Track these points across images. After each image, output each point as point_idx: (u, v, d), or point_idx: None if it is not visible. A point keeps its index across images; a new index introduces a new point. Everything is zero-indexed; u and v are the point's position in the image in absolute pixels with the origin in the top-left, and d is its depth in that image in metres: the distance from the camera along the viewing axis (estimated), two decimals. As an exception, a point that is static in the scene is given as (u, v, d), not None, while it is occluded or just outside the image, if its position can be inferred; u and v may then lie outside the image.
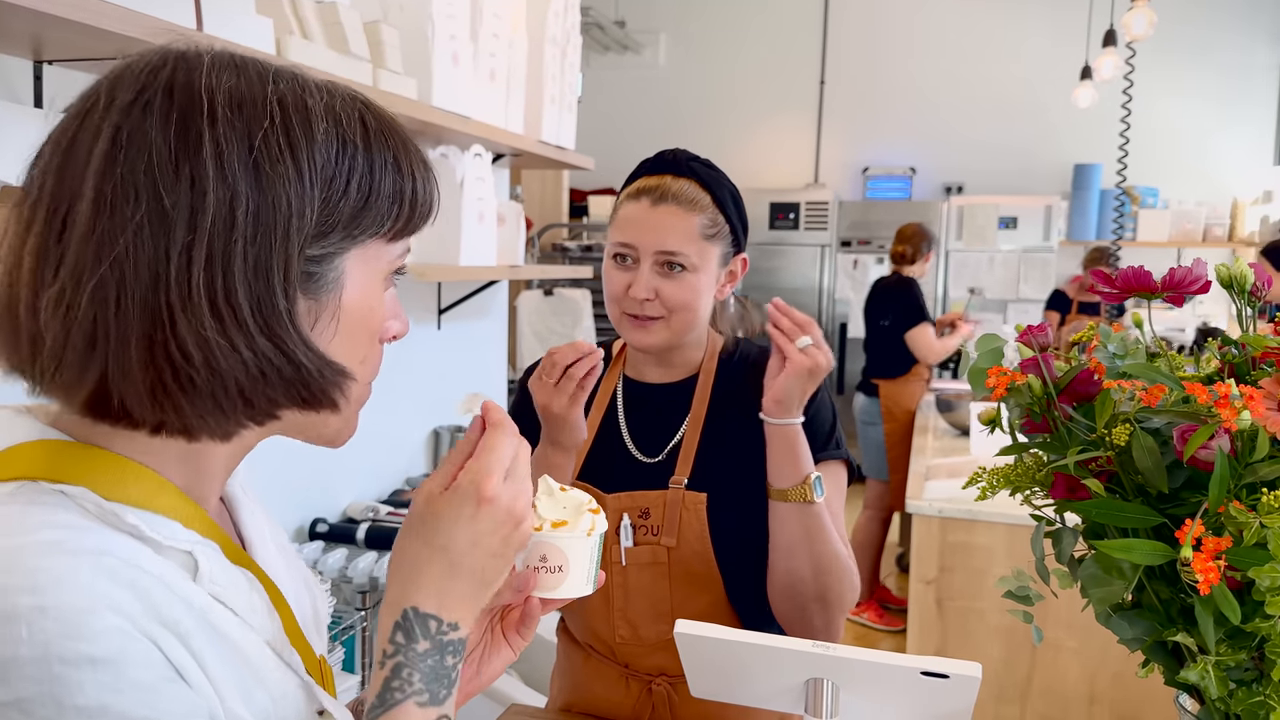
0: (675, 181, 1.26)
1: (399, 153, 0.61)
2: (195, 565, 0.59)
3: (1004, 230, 6.08)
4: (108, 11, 1.27)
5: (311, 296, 0.59)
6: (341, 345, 0.62)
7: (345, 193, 0.58)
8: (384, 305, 0.65)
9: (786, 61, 6.86)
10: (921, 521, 2.52)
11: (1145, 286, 0.80)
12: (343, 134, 0.59)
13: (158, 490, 0.60)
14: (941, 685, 0.99)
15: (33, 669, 0.49)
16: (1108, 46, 3.82)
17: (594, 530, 0.75)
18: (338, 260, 0.60)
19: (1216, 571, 0.66)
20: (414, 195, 0.62)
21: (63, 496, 0.56)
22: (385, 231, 0.62)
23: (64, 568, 0.52)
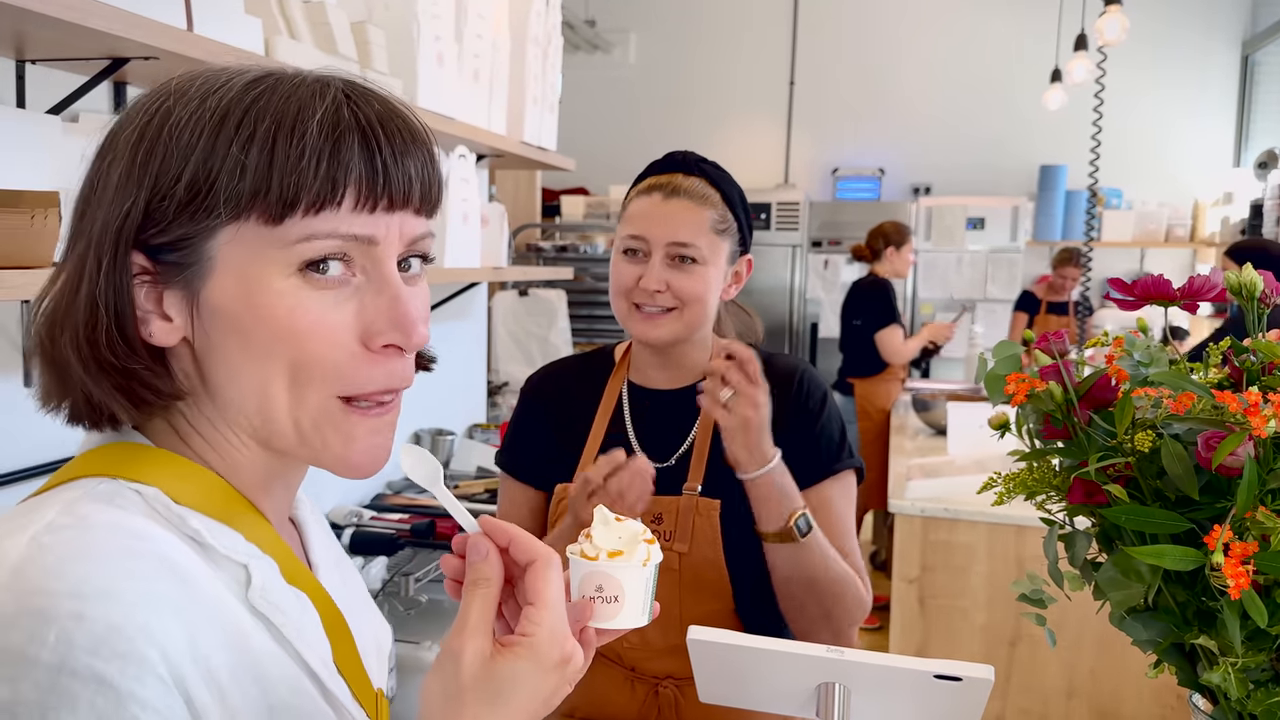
0: (686, 179, 1.29)
1: (260, 129, 0.56)
2: (248, 578, 0.59)
3: (972, 231, 6.15)
4: (93, 10, 1.24)
5: (177, 286, 0.59)
6: (233, 342, 0.59)
7: (178, 180, 0.56)
8: (297, 303, 0.58)
9: (756, 62, 6.89)
10: (903, 521, 2.54)
11: (1164, 295, 0.81)
12: (195, 122, 0.57)
13: (226, 499, 0.60)
14: (953, 688, 1.00)
15: (42, 674, 0.48)
16: (1079, 50, 3.88)
17: (650, 560, 0.73)
18: (198, 247, 0.58)
19: (1247, 576, 0.67)
20: (265, 171, 0.56)
21: (137, 496, 0.57)
22: (239, 214, 0.57)
23: (114, 579, 0.51)
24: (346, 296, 0.60)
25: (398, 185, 0.59)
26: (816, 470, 1.32)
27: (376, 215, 0.59)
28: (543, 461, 1.39)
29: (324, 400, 0.60)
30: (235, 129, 0.56)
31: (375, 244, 0.60)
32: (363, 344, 0.60)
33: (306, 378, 0.59)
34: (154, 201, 0.57)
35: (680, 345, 1.32)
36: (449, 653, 0.58)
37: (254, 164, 0.56)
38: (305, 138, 0.56)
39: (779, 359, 1.38)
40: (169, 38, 1.36)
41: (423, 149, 0.62)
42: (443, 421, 2.75)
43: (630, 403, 1.37)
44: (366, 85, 0.62)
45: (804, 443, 1.31)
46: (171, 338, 0.59)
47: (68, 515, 0.54)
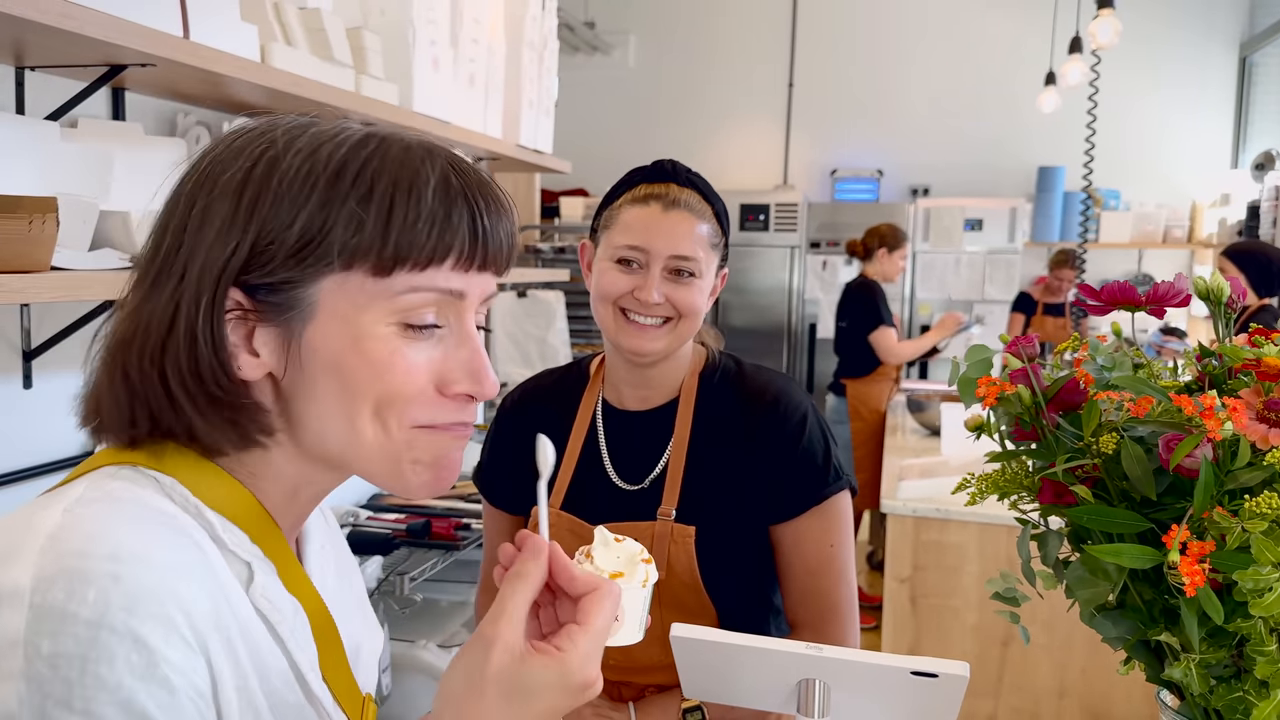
0: (681, 191, 1.27)
1: (376, 188, 0.61)
2: (250, 577, 0.62)
3: (970, 232, 6.17)
4: (93, 18, 1.26)
5: (277, 322, 0.62)
6: (329, 381, 0.62)
7: (290, 226, 0.60)
8: (394, 351, 0.63)
9: (755, 63, 6.91)
10: (896, 521, 2.56)
11: (1130, 300, 0.83)
12: (308, 173, 0.61)
13: (238, 499, 0.64)
14: (930, 685, 1.02)
15: (82, 629, 0.51)
16: (1074, 53, 3.90)
17: (648, 581, 0.76)
18: (303, 290, 0.61)
19: (1202, 574, 0.69)
20: (382, 229, 0.61)
21: (155, 482, 0.61)
22: (350, 265, 0.61)
23: (150, 547, 0.55)
24: (432, 345, 0.65)
25: (493, 248, 0.65)
26: (800, 499, 1.28)
27: (470, 274, 0.65)
28: (515, 487, 1.38)
29: (405, 431, 0.65)
30: (351, 184, 0.60)
31: (463, 299, 0.65)
32: (437, 389, 0.65)
33: (390, 411, 0.64)
34: (260, 244, 0.60)
35: (663, 361, 1.29)
36: (481, 638, 0.60)
37: (372, 220, 0.60)
38: (421, 203, 0.61)
39: (756, 376, 1.34)
40: (165, 45, 1.38)
41: (510, 216, 0.67)
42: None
43: (604, 423, 1.35)
44: (462, 156, 0.67)
45: (783, 468, 1.28)
46: (257, 373, 0.63)
47: (95, 490, 0.58)
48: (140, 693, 0.52)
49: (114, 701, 0.51)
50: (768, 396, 1.31)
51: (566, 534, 1.29)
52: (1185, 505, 0.72)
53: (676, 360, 1.32)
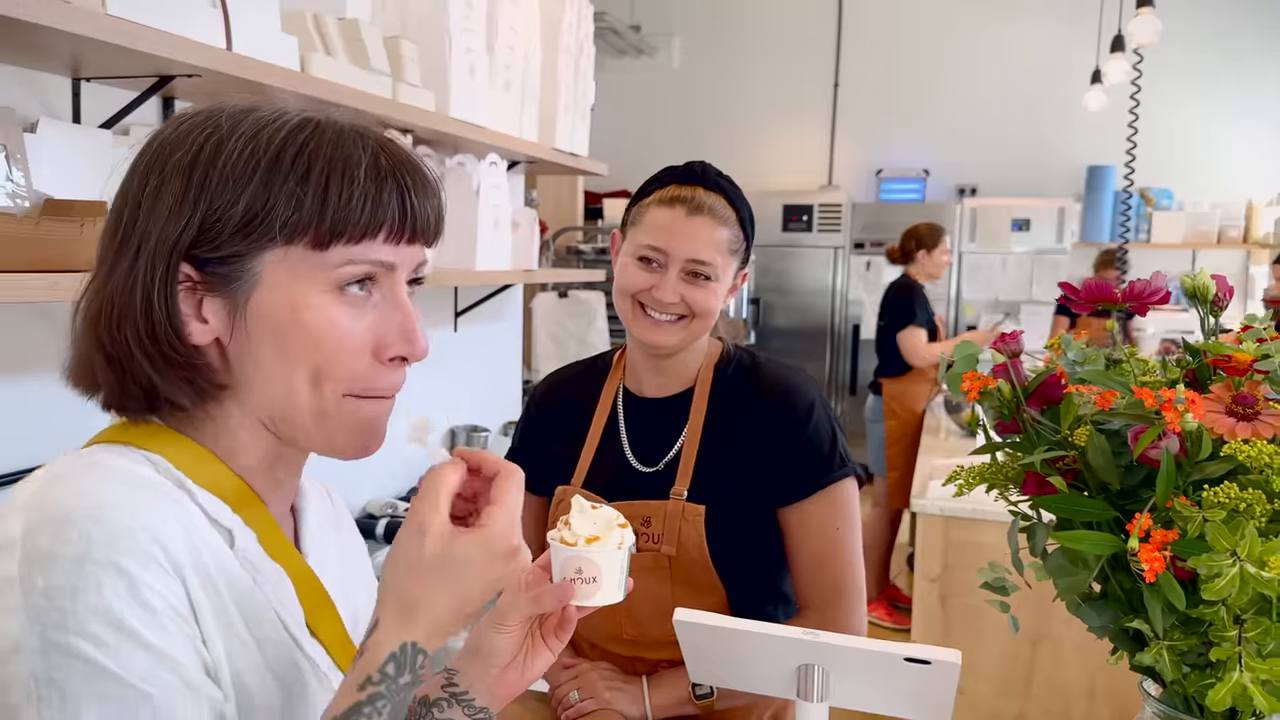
0: (708, 195, 1.32)
1: (314, 168, 0.66)
2: (232, 541, 0.69)
3: (1017, 232, 6.11)
4: (141, 33, 1.35)
5: (224, 292, 0.68)
6: (269, 347, 0.68)
7: (235, 204, 0.66)
8: (332, 318, 0.69)
9: (800, 64, 6.91)
10: (926, 520, 2.57)
11: (1107, 298, 0.86)
12: (250, 154, 0.66)
13: (221, 475, 0.70)
14: (924, 671, 1.06)
15: (70, 564, 0.58)
16: (1116, 51, 3.86)
17: (623, 544, 0.81)
18: (248, 263, 0.67)
19: (1162, 560, 0.71)
20: (319, 206, 0.66)
21: (145, 459, 0.68)
22: (292, 239, 0.67)
23: (126, 497, 0.62)
24: (366, 312, 0.71)
25: (422, 223, 0.72)
26: (803, 484, 1.33)
27: (400, 246, 0.70)
28: (545, 472, 1.44)
29: (337, 399, 0.71)
30: (290, 165, 0.66)
31: (395, 269, 0.71)
32: (374, 354, 0.71)
33: (325, 378, 0.70)
34: (208, 222, 0.66)
35: (678, 352, 1.36)
36: (415, 525, 0.68)
37: (309, 199, 0.66)
38: (355, 183, 0.67)
39: (768, 368, 1.40)
40: (209, 57, 1.47)
41: (438, 192, 0.74)
42: (478, 419, 2.84)
43: (624, 409, 1.42)
44: (390, 138, 0.73)
45: (789, 454, 1.33)
46: (206, 338, 0.69)
47: (87, 461, 0.66)
48: (126, 613, 0.59)
49: (105, 622, 0.58)
50: (778, 387, 1.37)
51: None
52: (1148, 495, 0.75)
53: (692, 351, 1.39)
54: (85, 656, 0.58)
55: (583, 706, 1.32)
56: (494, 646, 0.84)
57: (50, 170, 1.39)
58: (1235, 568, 0.67)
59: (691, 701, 1.32)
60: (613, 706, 1.32)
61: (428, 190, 0.72)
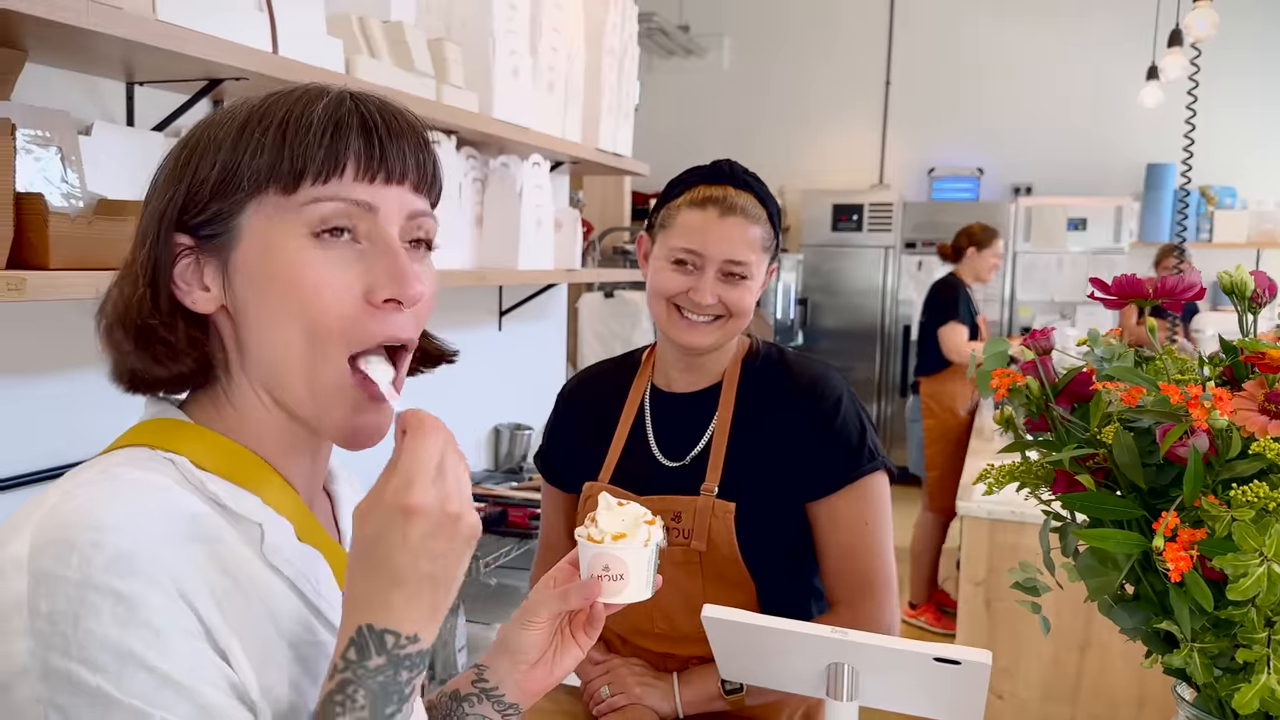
0: (738, 195, 1.32)
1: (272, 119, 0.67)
2: (263, 536, 0.69)
3: (1073, 232, 5.99)
4: (191, 38, 1.39)
5: (213, 258, 0.70)
6: (256, 299, 0.68)
7: (213, 167, 0.68)
8: (306, 256, 0.67)
9: (851, 62, 6.85)
10: (971, 523, 2.54)
11: (1138, 293, 0.85)
12: (229, 119, 0.69)
13: (250, 467, 0.71)
14: (954, 671, 1.04)
15: (72, 589, 0.58)
16: (1173, 46, 3.77)
17: (650, 541, 0.81)
18: (231, 220, 0.69)
19: (1188, 560, 0.70)
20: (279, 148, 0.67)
21: (169, 464, 0.68)
22: (262, 187, 0.68)
23: (130, 517, 0.62)
24: (353, 259, 0.69)
25: (394, 160, 0.69)
26: (833, 477, 1.33)
27: (376, 186, 0.69)
28: (574, 467, 1.46)
29: (335, 364, 0.69)
30: (257, 123, 0.68)
31: (376, 211, 0.69)
32: (366, 299, 0.69)
33: (324, 335, 0.68)
34: (192, 189, 0.68)
35: (713, 351, 1.37)
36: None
37: (270, 145, 0.67)
38: (312, 120, 0.67)
39: (796, 362, 1.41)
40: (256, 60, 1.50)
41: (416, 134, 0.72)
42: (521, 417, 2.87)
43: (652, 405, 1.43)
44: (370, 93, 0.73)
45: (818, 447, 1.33)
46: (210, 305, 0.70)
47: (102, 474, 0.66)
48: (128, 637, 0.58)
49: (105, 648, 0.58)
50: (805, 380, 1.37)
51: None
52: (1177, 494, 0.74)
53: (724, 348, 1.39)
54: (87, 683, 0.58)
55: (614, 701, 1.33)
56: (522, 643, 0.85)
57: (104, 171, 1.44)
58: (1262, 567, 0.66)
59: (721, 697, 1.33)
60: (643, 702, 1.33)
61: (401, 128, 0.70)
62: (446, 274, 2.12)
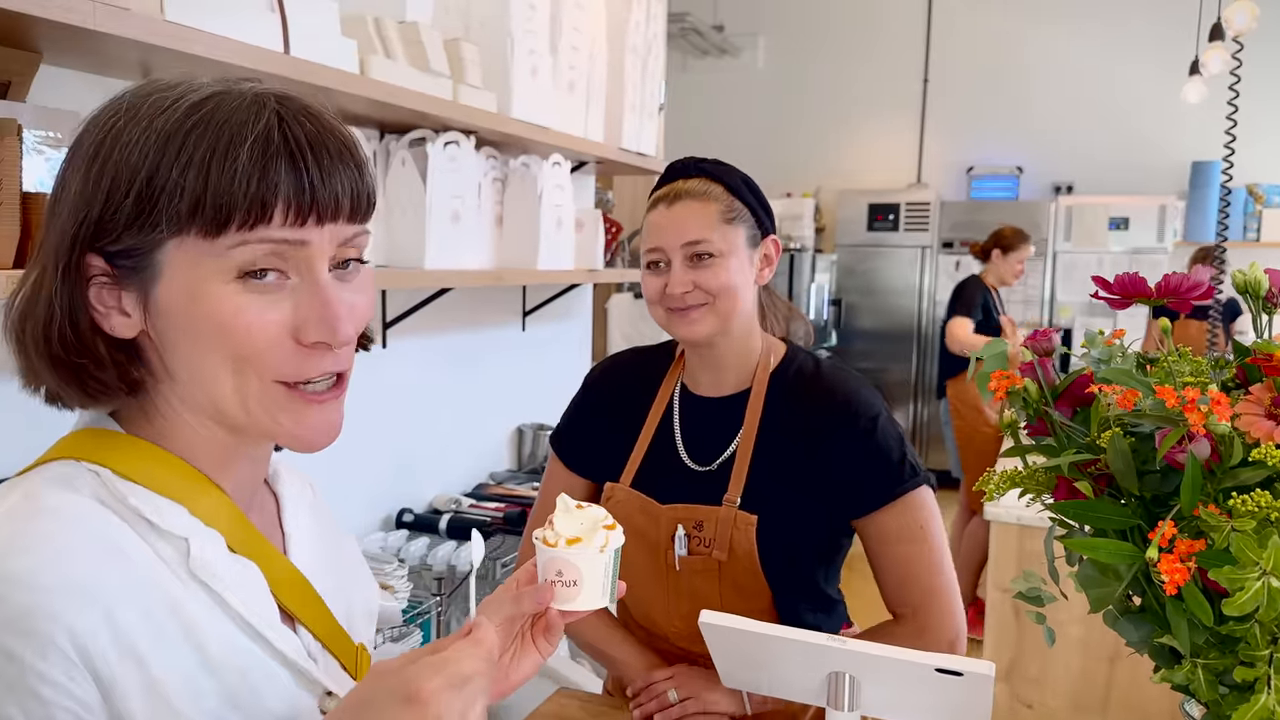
0: (685, 182, 1.33)
1: (196, 154, 0.62)
2: (187, 551, 0.66)
3: (1115, 231, 5.87)
4: (199, 38, 1.39)
5: (133, 288, 0.66)
6: (182, 339, 0.66)
7: (126, 196, 0.63)
8: (235, 305, 0.64)
9: (888, 61, 6.77)
10: (1000, 529, 2.49)
11: (1141, 292, 0.81)
12: (143, 142, 0.63)
13: (178, 477, 0.68)
14: (956, 682, 1.01)
15: None
16: (1214, 40, 3.67)
17: (607, 546, 0.77)
18: (150, 255, 0.64)
19: (1185, 572, 0.67)
20: (199, 195, 0.62)
21: (94, 476, 0.66)
22: (181, 229, 0.63)
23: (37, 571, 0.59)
24: (282, 298, 0.66)
25: (325, 202, 0.65)
26: (877, 494, 1.31)
27: (307, 228, 0.65)
28: (592, 453, 1.45)
29: (265, 385, 0.67)
30: (176, 153, 0.62)
31: (307, 246, 0.65)
32: (295, 339, 0.66)
33: (244, 367, 0.66)
34: (105, 213, 0.64)
35: (723, 341, 1.34)
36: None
37: (191, 187, 0.62)
38: (237, 162, 0.62)
39: (831, 375, 1.37)
40: (266, 60, 1.51)
41: (351, 165, 0.67)
42: (545, 417, 2.86)
43: (680, 407, 1.41)
44: (301, 103, 0.67)
45: (858, 465, 1.31)
46: (130, 331, 0.67)
47: (24, 503, 0.63)
48: (8, 702, 0.57)
49: None
50: (838, 396, 1.34)
51: (636, 512, 1.36)
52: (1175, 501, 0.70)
53: (743, 344, 1.36)
54: None
55: (685, 706, 1.33)
56: None
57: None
58: (1260, 581, 0.63)
59: None
60: (715, 708, 1.32)
61: (335, 164, 0.65)
62: (465, 274, 2.12)
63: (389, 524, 2.34)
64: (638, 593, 1.40)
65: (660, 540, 1.34)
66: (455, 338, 2.52)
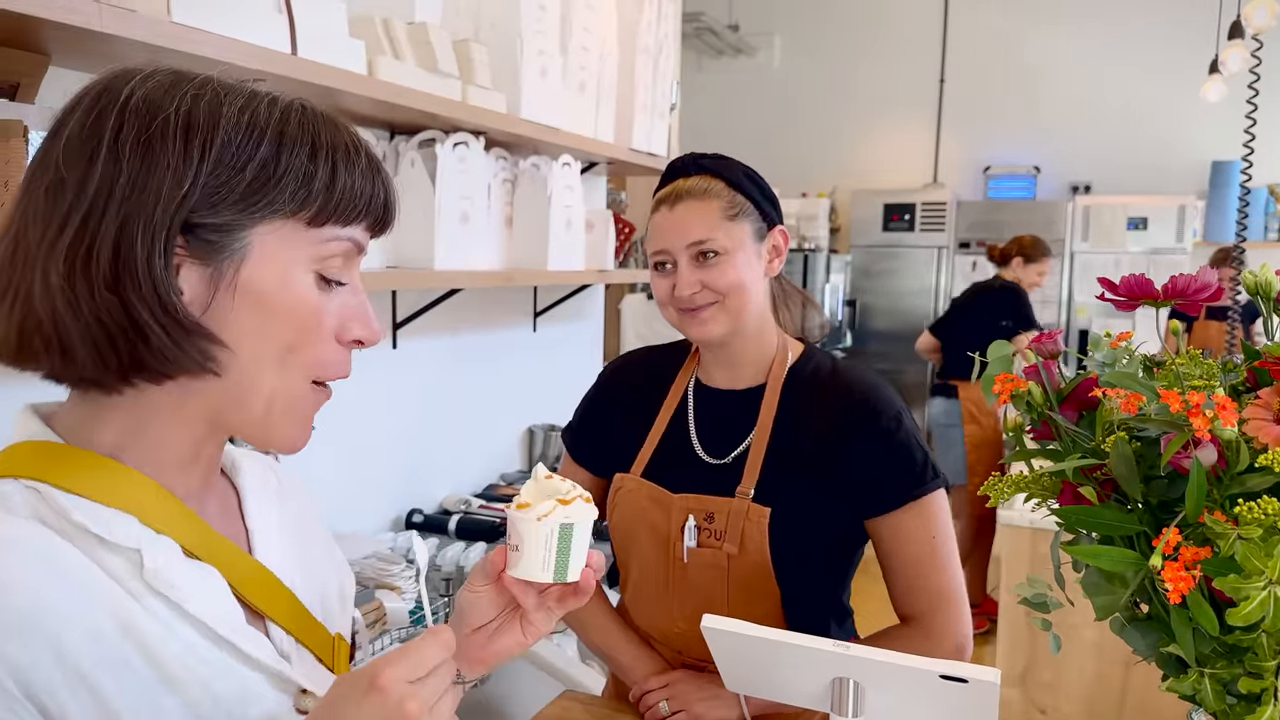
0: (685, 181, 1.33)
1: (320, 146, 0.67)
2: (140, 563, 0.64)
3: (1133, 231, 5.82)
4: (206, 40, 1.39)
5: (207, 262, 0.64)
6: (249, 322, 0.65)
7: (242, 170, 0.64)
8: (314, 296, 0.68)
9: (905, 60, 6.74)
10: (1013, 532, 2.47)
11: (1148, 294, 0.80)
12: (251, 122, 0.64)
13: (125, 485, 0.66)
14: (961, 689, 1.00)
15: None
16: (1234, 39, 3.63)
17: (548, 517, 0.75)
18: (241, 233, 0.65)
19: (1189, 580, 0.66)
20: (328, 183, 0.67)
21: (34, 494, 0.64)
22: (294, 213, 0.66)
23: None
24: (333, 295, 0.70)
25: (391, 216, 0.74)
26: (897, 494, 1.30)
27: (372, 236, 0.72)
28: (604, 447, 1.44)
29: (303, 383, 0.70)
30: (297, 138, 0.66)
31: (362, 254, 0.72)
32: (336, 337, 0.71)
33: (300, 365, 0.69)
34: (211, 186, 0.63)
35: (737, 339, 1.33)
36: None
37: (319, 175, 0.66)
38: (358, 167, 0.69)
39: (848, 373, 1.36)
40: (274, 61, 1.51)
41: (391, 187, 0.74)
42: (556, 418, 2.86)
43: (695, 401, 1.40)
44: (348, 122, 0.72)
45: (878, 464, 1.30)
46: (198, 310, 0.65)
47: None
48: None
49: None
50: (857, 394, 1.33)
51: (646, 501, 1.36)
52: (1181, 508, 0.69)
53: (757, 339, 1.36)
54: None
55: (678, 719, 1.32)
56: (463, 604, 0.84)
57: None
58: (1265, 591, 0.61)
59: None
60: (706, 717, 1.31)
61: (390, 183, 0.73)
62: (475, 275, 2.12)
63: (399, 524, 2.34)
64: (642, 590, 1.39)
65: (670, 531, 1.33)
66: (466, 338, 2.52)
